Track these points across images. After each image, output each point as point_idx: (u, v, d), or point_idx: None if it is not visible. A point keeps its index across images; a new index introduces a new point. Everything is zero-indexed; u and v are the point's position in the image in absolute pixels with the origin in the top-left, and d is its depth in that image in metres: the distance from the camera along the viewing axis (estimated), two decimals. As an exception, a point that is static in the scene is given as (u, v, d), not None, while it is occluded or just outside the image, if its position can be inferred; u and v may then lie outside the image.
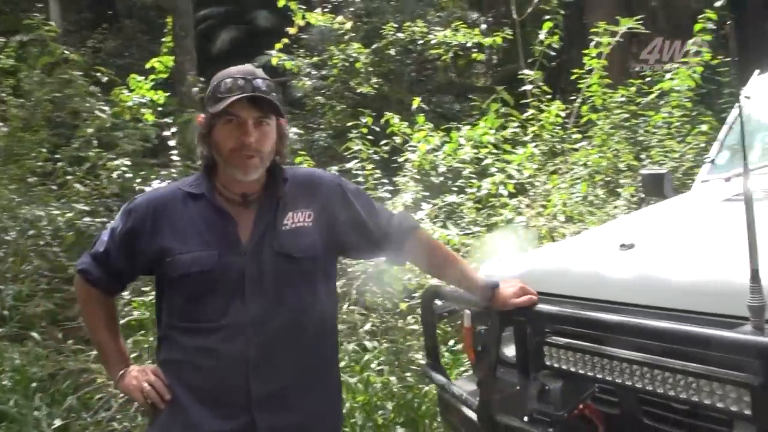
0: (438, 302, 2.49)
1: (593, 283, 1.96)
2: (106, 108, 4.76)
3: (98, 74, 5.39)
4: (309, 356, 1.74)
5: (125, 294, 4.72)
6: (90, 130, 5.37)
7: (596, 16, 11.05)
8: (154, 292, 4.29)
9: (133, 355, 4.00)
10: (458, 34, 8.28)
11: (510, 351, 2.16)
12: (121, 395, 3.76)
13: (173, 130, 5.69)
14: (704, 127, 6.44)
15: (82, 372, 4.15)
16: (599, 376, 1.70)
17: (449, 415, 2.41)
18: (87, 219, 4.89)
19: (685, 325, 1.55)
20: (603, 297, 1.89)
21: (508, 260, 2.51)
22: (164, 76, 6.22)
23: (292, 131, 8.38)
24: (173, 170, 5.33)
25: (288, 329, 1.69)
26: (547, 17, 6.75)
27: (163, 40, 6.36)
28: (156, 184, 4.85)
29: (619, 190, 6.09)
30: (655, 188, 3.47)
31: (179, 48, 6.22)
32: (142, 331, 4.51)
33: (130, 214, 1.74)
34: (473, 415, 2.11)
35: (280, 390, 1.68)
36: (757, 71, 3.62)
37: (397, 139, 6.10)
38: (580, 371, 1.75)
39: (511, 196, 5.65)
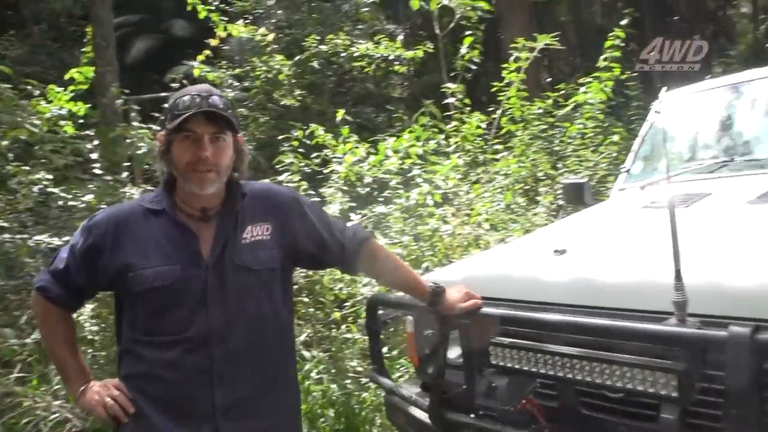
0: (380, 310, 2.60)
1: (532, 287, 2.10)
2: (38, 122, 4.59)
3: (29, 86, 5.18)
4: (270, 363, 1.80)
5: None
6: (5, 143, 5.17)
7: (511, 31, 11.53)
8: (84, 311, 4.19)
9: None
10: (380, 47, 8.47)
11: (453, 353, 2.28)
12: (51, 417, 3.66)
13: (96, 142, 5.56)
14: (615, 138, 6.85)
15: (6, 396, 3.99)
16: (542, 371, 1.84)
17: (396, 417, 2.51)
18: (6, 236, 4.70)
19: (619, 320, 1.71)
20: (541, 299, 2.03)
21: (451, 267, 2.64)
22: (84, 87, 6.06)
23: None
24: (97, 184, 5.19)
25: (250, 338, 1.74)
26: (468, 33, 6.99)
27: (83, 50, 6.19)
28: (85, 197, 4.73)
29: (538, 198, 6.39)
30: (576, 196, 3.71)
31: (100, 59, 6.06)
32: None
33: (90, 230, 1.75)
34: (422, 415, 2.22)
35: (243, 398, 1.73)
36: (664, 88, 3.92)
37: (328, 152, 6.19)
38: (525, 368, 1.89)
39: (437, 205, 5.82)
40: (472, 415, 2.00)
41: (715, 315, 1.58)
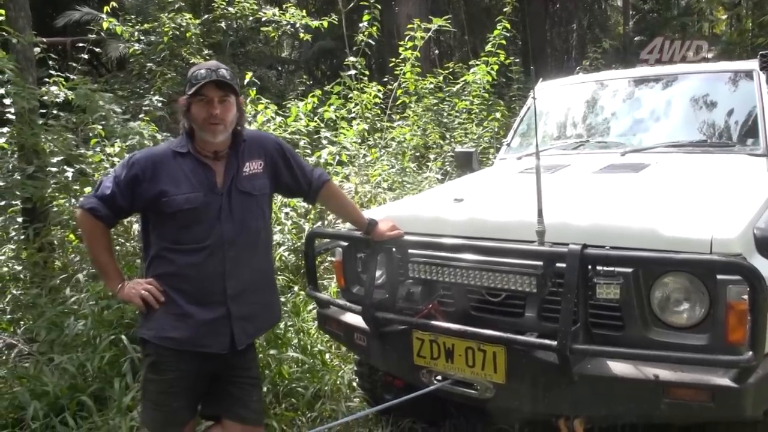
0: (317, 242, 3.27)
1: (438, 224, 2.84)
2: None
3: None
4: (261, 265, 2.44)
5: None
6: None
7: (406, 5, 12.20)
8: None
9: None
10: (287, 14, 8.91)
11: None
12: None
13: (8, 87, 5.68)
14: (498, 115, 7.76)
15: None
16: (445, 279, 2.58)
17: (327, 326, 3.19)
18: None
19: (500, 242, 2.49)
20: (444, 233, 2.77)
21: (379, 209, 3.35)
22: (-8, 31, 6.08)
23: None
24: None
25: (249, 245, 2.37)
26: (366, 11, 7.60)
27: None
28: None
29: (429, 163, 7.20)
30: (465, 163, 4.53)
31: (12, 2, 6.09)
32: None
33: (133, 165, 2.29)
34: (352, 319, 2.93)
35: (245, 288, 2.36)
36: (540, 79, 4.79)
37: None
38: (433, 278, 2.62)
39: (340, 164, 6.48)
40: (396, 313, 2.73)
41: (560, 242, 2.37)
